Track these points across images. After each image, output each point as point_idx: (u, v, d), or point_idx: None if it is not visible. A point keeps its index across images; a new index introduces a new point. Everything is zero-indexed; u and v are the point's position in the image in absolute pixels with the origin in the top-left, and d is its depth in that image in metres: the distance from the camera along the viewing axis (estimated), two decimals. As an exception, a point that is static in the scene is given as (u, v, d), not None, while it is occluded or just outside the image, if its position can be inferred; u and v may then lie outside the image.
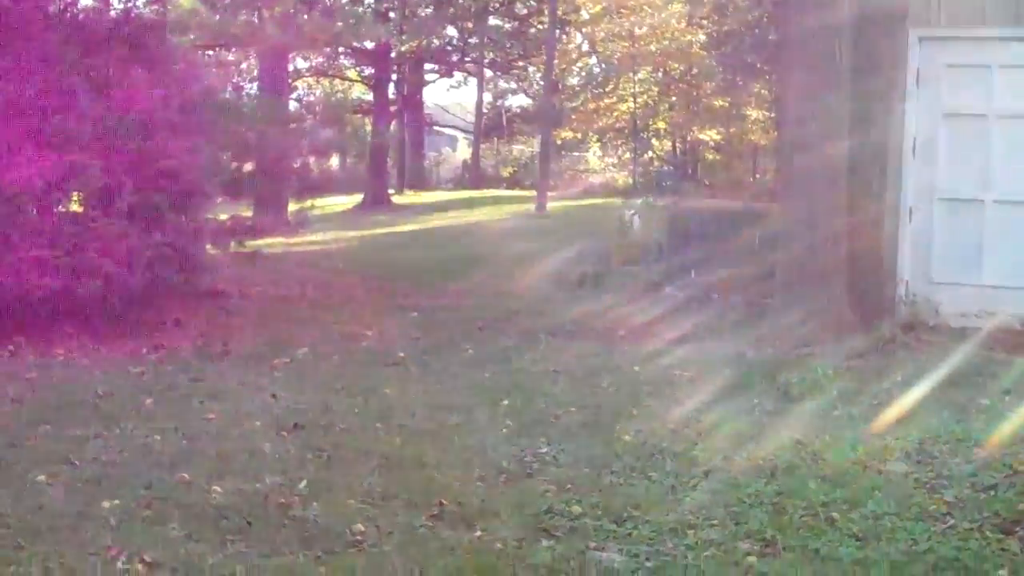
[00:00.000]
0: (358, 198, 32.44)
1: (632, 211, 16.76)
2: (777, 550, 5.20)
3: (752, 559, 5.07)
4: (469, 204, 31.15)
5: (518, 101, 48.53)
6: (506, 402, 8.14)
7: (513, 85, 47.47)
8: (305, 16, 21.77)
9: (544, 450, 6.86)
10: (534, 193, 30.15)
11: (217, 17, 20.22)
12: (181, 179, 10.92)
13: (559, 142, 38.48)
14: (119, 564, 4.86)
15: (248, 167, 15.54)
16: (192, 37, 18.82)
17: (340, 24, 22.94)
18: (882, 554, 5.11)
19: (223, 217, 14.32)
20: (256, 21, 20.18)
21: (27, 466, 6.23)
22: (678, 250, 12.77)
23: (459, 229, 24.44)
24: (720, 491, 6.05)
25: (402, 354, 10.15)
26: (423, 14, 36.91)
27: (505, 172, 44.78)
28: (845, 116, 10.05)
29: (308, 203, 16.05)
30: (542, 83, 37.15)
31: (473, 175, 43.18)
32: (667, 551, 5.18)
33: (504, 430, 7.33)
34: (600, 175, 40.05)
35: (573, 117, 38.26)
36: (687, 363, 9.45)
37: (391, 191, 35.89)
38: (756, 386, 8.58)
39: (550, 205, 28.17)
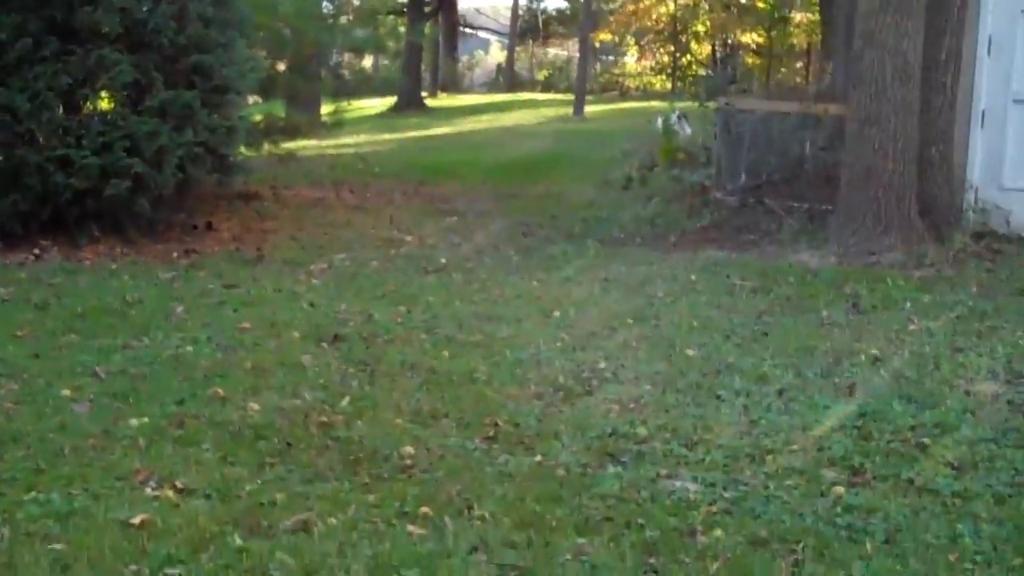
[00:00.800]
0: (391, 101, 31.81)
1: (678, 113, 16.13)
2: (866, 479, 4.72)
3: (840, 489, 4.58)
4: (504, 107, 30.48)
5: (554, 3, 47.66)
6: (558, 313, 7.66)
7: (549, -14, 46.57)
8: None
9: (602, 365, 6.37)
10: (570, 97, 29.45)
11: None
12: (214, 76, 10.42)
13: (596, 45, 37.58)
14: (148, 489, 4.43)
15: (282, 65, 15.08)
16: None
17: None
18: (983, 485, 4.64)
19: (257, 117, 13.88)
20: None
21: (50, 379, 5.82)
22: (728, 154, 12.12)
23: (495, 132, 23.81)
24: (797, 412, 5.58)
25: (444, 260, 9.70)
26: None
27: (540, 75, 44.01)
28: (921, 10, 9.40)
29: (342, 104, 15.65)
30: (580, -17, 36.23)
31: (508, 78, 42.46)
32: (745, 480, 4.71)
33: (558, 343, 6.84)
34: (636, 79, 39.22)
35: (611, 19, 37.37)
36: (746, 272, 8.94)
37: (424, 94, 35.24)
38: (823, 297, 8.09)
39: (587, 109, 27.50)
